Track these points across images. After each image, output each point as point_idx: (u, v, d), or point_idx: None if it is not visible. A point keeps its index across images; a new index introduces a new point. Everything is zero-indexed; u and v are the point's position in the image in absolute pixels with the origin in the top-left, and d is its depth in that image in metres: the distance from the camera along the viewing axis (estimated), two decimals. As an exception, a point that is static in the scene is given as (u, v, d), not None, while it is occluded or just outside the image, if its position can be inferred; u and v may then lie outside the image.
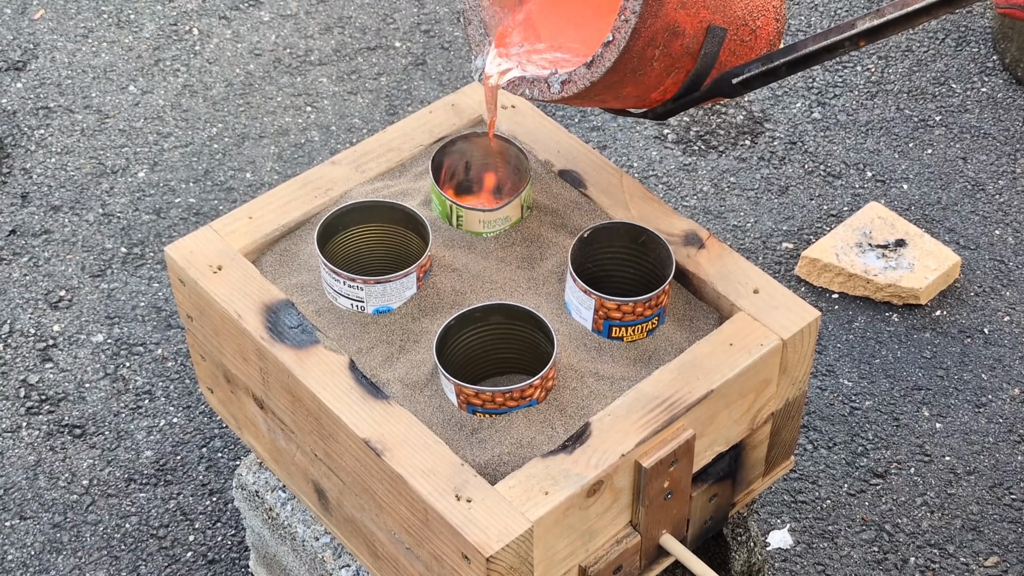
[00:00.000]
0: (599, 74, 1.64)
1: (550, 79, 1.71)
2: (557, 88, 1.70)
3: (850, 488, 2.45)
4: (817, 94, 3.19)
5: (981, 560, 2.35)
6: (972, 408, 2.57)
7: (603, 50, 1.63)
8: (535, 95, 1.73)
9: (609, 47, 1.62)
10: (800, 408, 1.89)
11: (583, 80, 1.66)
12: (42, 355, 2.65)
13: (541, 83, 1.72)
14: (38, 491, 2.44)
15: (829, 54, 1.69)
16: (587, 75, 1.66)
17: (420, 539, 1.65)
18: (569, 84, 1.69)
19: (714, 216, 2.92)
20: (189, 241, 1.87)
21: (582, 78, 1.67)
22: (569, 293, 1.79)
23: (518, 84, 1.76)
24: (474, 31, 1.84)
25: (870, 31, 1.65)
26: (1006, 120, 3.13)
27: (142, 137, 3.09)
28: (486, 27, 1.83)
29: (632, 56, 1.63)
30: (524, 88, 1.75)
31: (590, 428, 1.65)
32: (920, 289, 2.70)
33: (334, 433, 1.71)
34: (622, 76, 1.66)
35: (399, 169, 1.99)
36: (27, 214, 2.91)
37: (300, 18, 3.39)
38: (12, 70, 3.24)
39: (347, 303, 1.80)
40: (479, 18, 1.84)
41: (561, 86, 1.70)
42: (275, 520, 2.03)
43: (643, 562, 1.77)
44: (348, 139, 3.08)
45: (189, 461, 2.49)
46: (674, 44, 1.66)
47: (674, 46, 1.67)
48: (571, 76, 1.68)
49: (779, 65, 1.73)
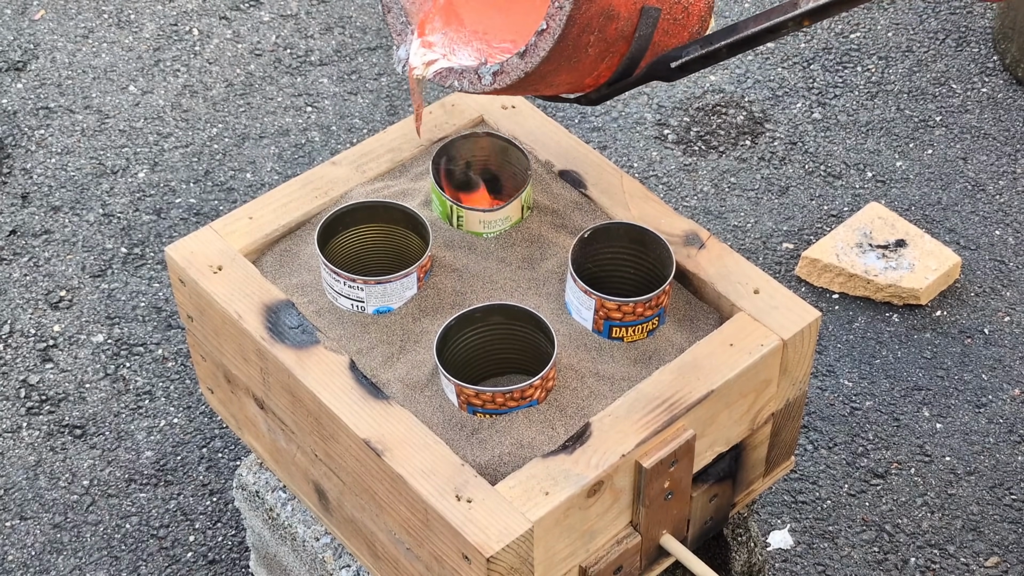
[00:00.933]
0: (533, 64, 1.58)
1: (481, 70, 1.65)
2: (489, 80, 1.64)
3: (850, 488, 2.45)
4: (817, 94, 3.19)
5: (981, 560, 2.35)
6: (972, 408, 2.57)
7: (537, 39, 1.57)
8: (465, 87, 1.66)
9: (543, 36, 1.56)
10: (800, 408, 1.89)
11: (516, 71, 1.60)
12: (42, 355, 2.65)
13: (471, 74, 1.65)
14: (38, 491, 2.44)
15: (772, 35, 1.63)
16: (520, 65, 1.60)
17: (420, 539, 1.65)
18: (502, 75, 1.62)
19: (714, 216, 2.92)
20: (189, 241, 1.87)
21: (515, 68, 1.60)
22: (569, 293, 1.79)
23: (446, 75, 1.68)
24: (394, 19, 1.75)
25: (814, 11, 1.59)
26: (1006, 120, 3.13)
27: (142, 137, 3.09)
28: (407, 15, 1.74)
29: (567, 44, 1.57)
30: (453, 79, 1.67)
31: (590, 428, 1.65)
32: (920, 289, 2.70)
33: (334, 433, 1.71)
34: (557, 64, 1.60)
35: (399, 169, 1.99)
36: (27, 214, 2.91)
37: (300, 18, 3.39)
38: (12, 70, 3.24)
39: (347, 303, 1.80)
40: (399, 5, 1.74)
41: (493, 77, 1.63)
42: (275, 520, 2.03)
43: (643, 562, 1.77)
44: (348, 139, 3.08)
45: (189, 461, 2.49)
46: (609, 28, 1.61)
47: (609, 30, 1.61)
48: (503, 67, 1.61)
49: (719, 48, 1.66)
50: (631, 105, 3.15)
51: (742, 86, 3.20)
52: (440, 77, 1.69)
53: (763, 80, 3.22)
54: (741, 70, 3.24)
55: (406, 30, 1.74)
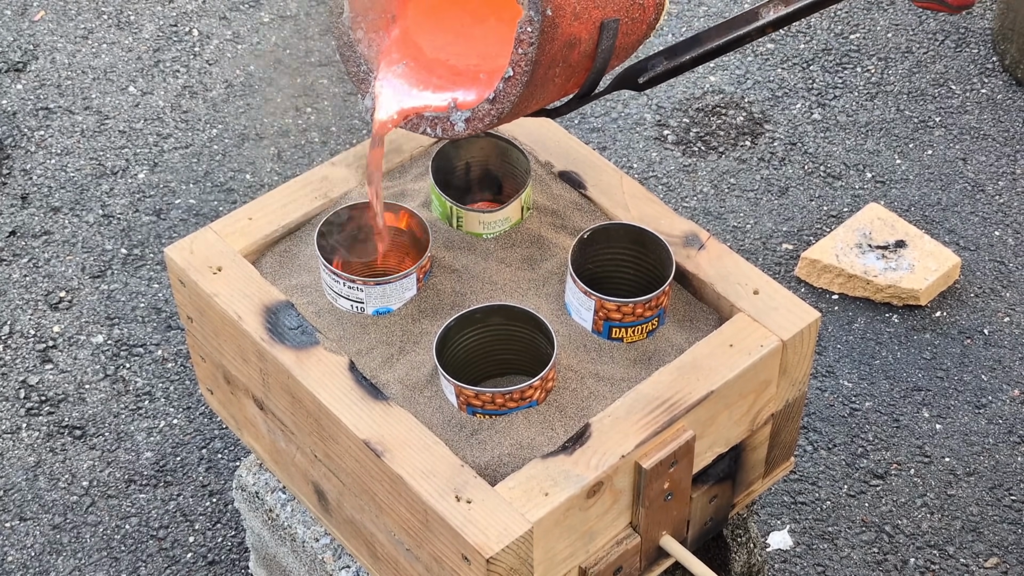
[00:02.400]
0: (504, 109, 1.59)
1: (452, 117, 1.63)
2: (462, 127, 1.63)
3: (850, 489, 2.45)
4: (817, 95, 3.19)
5: (981, 561, 2.35)
6: (972, 409, 2.57)
7: (504, 86, 1.57)
8: (438, 134, 1.65)
9: (511, 82, 1.56)
10: (800, 409, 1.89)
11: (488, 116, 1.60)
12: (42, 356, 2.65)
13: (444, 122, 1.64)
14: (38, 492, 2.44)
15: (736, 45, 1.64)
16: (492, 111, 1.59)
17: (420, 540, 1.65)
18: (474, 121, 1.62)
19: (714, 217, 2.92)
20: (189, 242, 1.87)
21: (487, 114, 1.60)
22: (569, 294, 1.79)
23: (417, 123, 1.67)
24: (354, 68, 1.72)
25: (777, 21, 1.59)
26: (1006, 121, 3.13)
27: (142, 138, 3.09)
28: (366, 61, 1.71)
29: (535, 84, 1.57)
30: (425, 127, 1.66)
31: (590, 429, 1.65)
32: (920, 290, 2.70)
33: (334, 434, 1.71)
34: (526, 103, 1.61)
35: (399, 170, 1.99)
36: (27, 215, 2.91)
37: (300, 19, 3.39)
38: (12, 71, 3.24)
39: (347, 304, 1.80)
40: (356, 54, 1.71)
41: (466, 124, 1.63)
42: (275, 521, 2.03)
43: (643, 563, 1.77)
44: (348, 140, 3.08)
45: (189, 462, 2.49)
46: (572, 55, 1.60)
47: (572, 57, 1.61)
48: (475, 113, 1.61)
49: (685, 60, 1.67)
50: (631, 106, 3.15)
51: (742, 87, 3.20)
52: (411, 126, 1.67)
53: (763, 81, 3.22)
54: (741, 71, 3.24)
55: (368, 78, 1.71)
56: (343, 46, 1.72)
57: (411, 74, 1.71)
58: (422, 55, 1.72)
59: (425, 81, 1.70)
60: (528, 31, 1.52)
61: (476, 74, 1.68)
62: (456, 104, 1.65)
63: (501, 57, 1.67)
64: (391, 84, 1.70)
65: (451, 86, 1.69)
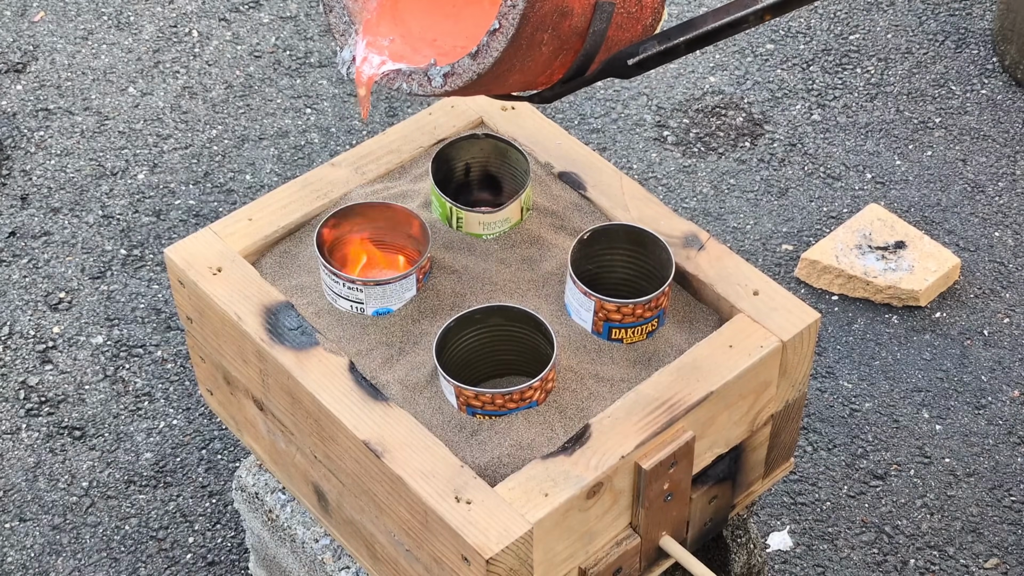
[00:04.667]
0: (486, 65, 1.53)
1: (430, 72, 1.57)
2: (440, 82, 1.56)
3: (850, 490, 2.45)
4: (817, 96, 3.19)
5: (981, 562, 2.35)
6: (972, 410, 2.57)
7: (489, 39, 1.51)
8: (414, 89, 1.59)
9: (496, 35, 1.50)
10: (800, 410, 1.89)
11: (469, 72, 1.54)
12: (42, 357, 2.65)
13: (420, 76, 1.58)
14: (38, 493, 2.44)
15: (732, 30, 1.58)
16: (472, 66, 1.53)
17: (420, 541, 1.65)
18: (453, 77, 1.55)
19: (714, 218, 2.92)
20: (189, 243, 1.87)
21: (467, 70, 1.54)
22: (569, 295, 1.79)
23: (394, 77, 1.61)
24: (336, 19, 1.66)
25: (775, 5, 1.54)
26: (1006, 122, 3.13)
27: (142, 139, 3.09)
28: (350, 14, 1.66)
29: (520, 43, 1.52)
30: (401, 82, 1.60)
31: (590, 430, 1.65)
32: (920, 291, 2.70)
33: (334, 435, 1.71)
34: (510, 64, 1.55)
35: (399, 171, 1.99)
36: (27, 216, 2.91)
37: (300, 20, 3.39)
38: (12, 72, 3.24)
39: (347, 305, 1.80)
40: (341, 4, 1.66)
41: (444, 79, 1.56)
42: (275, 522, 2.03)
43: (643, 564, 1.77)
44: (348, 141, 3.08)
45: (189, 463, 2.49)
46: (563, 25, 1.55)
47: (563, 27, 1.55)
48: (455, 68, 1.55)
49: (678, 44, 1.60)
50: (631, 106, 3.15)
51: (741, 87, 3.20)
52: (387, 80, 1.62)
53: (762, 82, 3.22)
54: (740, 71, 3.24)
55: (349, 30, 1.67)
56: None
57: (395, 50, 1.67)
58: (409, 34, 1.68)
59: (409, 58, 1.65)
60: None
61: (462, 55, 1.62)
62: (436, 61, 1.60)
63: None
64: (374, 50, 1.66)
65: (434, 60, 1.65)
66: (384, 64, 1.63)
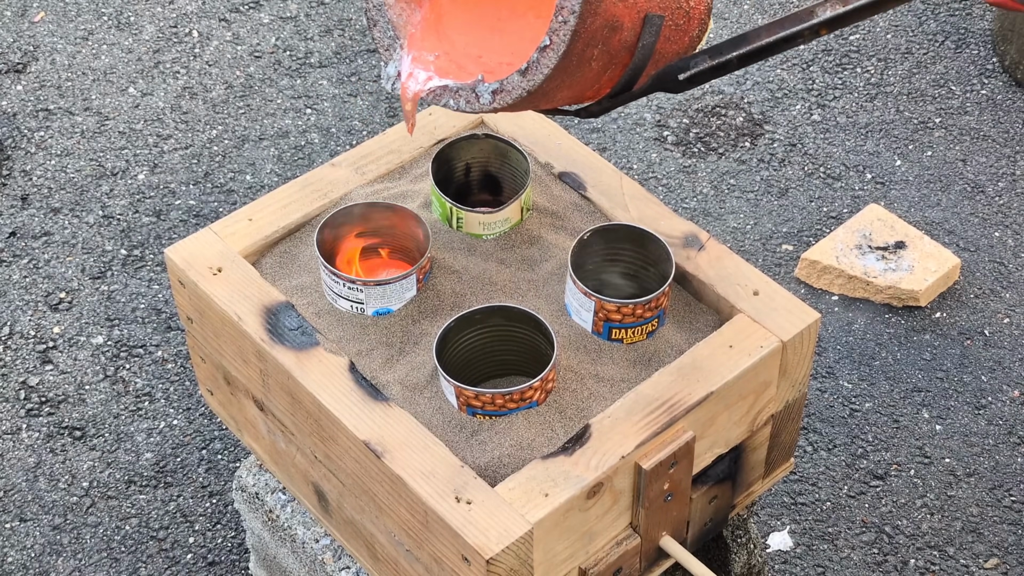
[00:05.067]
0: (536, 82, 1.51)
1: (478, 88, 1.55)
2: (488, 99, 1.54)
3: (850, 490, 2.45)
4: (817, 96, 3.19)
5: (981, 562, 2.35)
6: (972, 410, 2.57)
7: (539, 55, 1.48)
8: (461, 106, 1.57)
9: (546, 51, 1.48)
10: (800, 410, 1.89)
11: (518, 89, 1.52)
12: (42, 357, 2.65)
13: (468, 92, 1.56)
14: (38, 493, 2.44)
15: (786, 45, 1.55)
16: (522, 83, 1.51)
17: (420, 541, 1.65)
18: (502, 94, 1.53)
19: (714, 218, 2.92)
20: (189, 243, 1.87)
21: (516, 87, 1.52)
22: (569, 295, 1.79)
23: (440, 94, 1.58)
24: (381, 34, 1.64)
25: (832, 20, 1.51)
26: (1006, 122, 3.13)
27: (142, 139, 3.09)
28: (394, 28, 1.64)
29: (571, 59, 1.50)
30: (448, 98, 1.58)
31: (590, 430, 1.65)
32: (920, 291, 2.70)
33: (334, 435, 1.71)
34: (560, 80, 1.52)
35: (399, 171, 1.99)
36: (27, 216, 2.91)
37: (300, 20, 3.39)
38: (12, 72, 3.24)
39: (347, 305, 1.80)
40: (385, 19, 1.64)
41: (492, 96, 1.54)
42: (275, 522, 2.03)
43: (643, 564, 1.77)
44: (348, 141, 3.08)
45: (189, 463, 2.49)
46: (613, 39, 1.52)
47: (612, 41, 1.52)
48: (503, 85, 1.53)
49: (730, 59, 1.58)
50: (630, 106, 3.15)
51: (741, 88, 3.20)
52: (434, 96, 1.60)
53: (762, 82, 3.22)
54: (740, 72, 3.24)
55: (394, 45, 1.65)
56: (372, 9, 1.65)
57: (441, 67, 1.64)
58: (454, 50, 1.66)
59: (455, 74, 1.63)
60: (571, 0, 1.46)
61: (509, 72, 1.61)
62: (483, 77, 1.58)
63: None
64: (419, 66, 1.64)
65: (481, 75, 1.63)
66: (430, 80, 1.60)
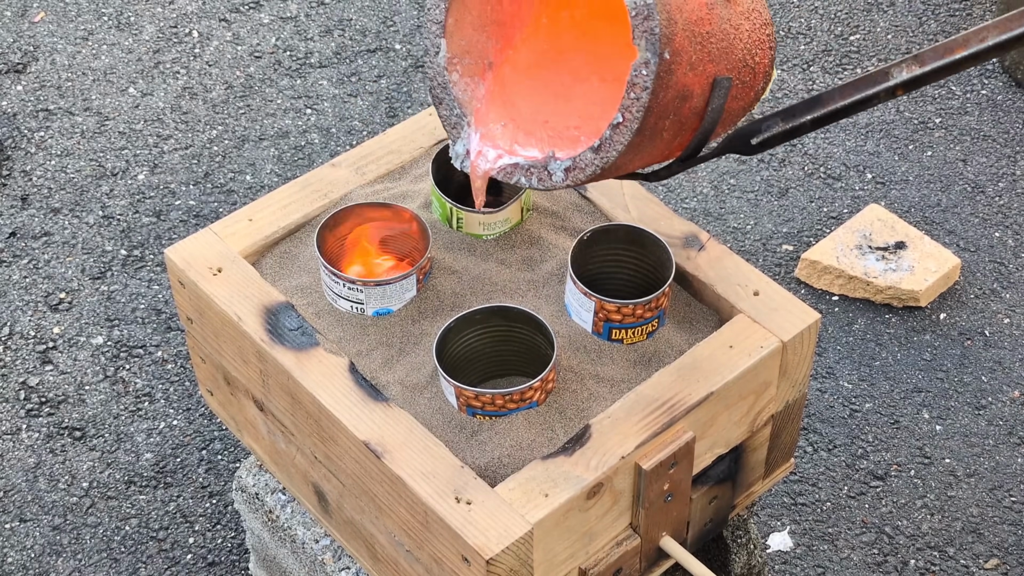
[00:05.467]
0: (610, 159, 1.51)
1: (551, 166, 1.55)
2: (561, 176, 1.54)
3: (850, 490, 2.45)
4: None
5: (981, 563, 2.35)
6: (972, 410, 2.57)
7: (612, 132, 1.48)
8: (534, 184, 1.56)
9: (619, 129, 1.48)
10: (800, 410, 1.89)
11: (591, 166, 1.52)
12: (42, 357, 2.65)
13: (540, 170, 1.56)
14: (38, 493, 2.44)
15: (861, 106, 1.55)
16: (595, 160, 1.51)
17: (420, 541, 1.65)
18: (575, 171, 1.53)
19: (714, 218, 2.92)
20: (189, 243, 1.87)
21: (590, 164, 1.52)
22: (569, 295, 1.79)
23: (512, 172, 1.58)
24: (447, 111, 1.64)
25: (909, 82, 1.50)
26: (1006, 122, 3.13)
27: (142, 139, 3.09)
28: (460, 105, 1.63)
29: (644, 134, 1.50)
30: (520, 176, 1.57)
31: (590, 430, 1.65)
32: (920, 291, 2.70)
33: (334, 435, 1.71)
34: (632, 155, 1.53)
35: (399, 171, 1.99)
36: (27, 216, 2.91)
37: (300, 20, 3.39)
38: (12, 72, 3.24)
39: (347, 305, 1.80)
40: (451, 96, 1.63)
41: (565, 174, 1.54)
42: (275, 522, 2.03)
43: (643, 564, 1.77)
44: (348, 141, 3.08)
45: (189, 463, 2.49)
46: (683, 108, 1.52)
47: (683, 110, 1.53)
48: (576, 163, 1.53)
49: (804, 123, 1.58)
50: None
51: (742, 88, 3.20)
52: (505, 174, 1.59)
53: (763, 82, 3.22)
54: (741, 72, 3.24)
55: (461, 123, 1.64)
56: (437, 87, 1.64)
57: (509, 135, 1.63)
58: (520, 116, 1.65)
59: (523, 142, 1.62)
60: (643, 75, 1.45)
61: (576, 137, 1.61)
62: (555, 154, 1.57)
63: (603, 119, 1.61)
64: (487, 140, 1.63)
65: (549, 148, 1.61)
66: (500, 158, 1.59)
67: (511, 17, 1.65)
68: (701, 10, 1.51)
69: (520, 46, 1.67)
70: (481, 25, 1.63)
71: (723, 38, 1.53)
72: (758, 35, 1.61)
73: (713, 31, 1.52)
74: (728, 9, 1.55)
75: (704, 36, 1.50)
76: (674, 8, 1.47)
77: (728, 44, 1.54)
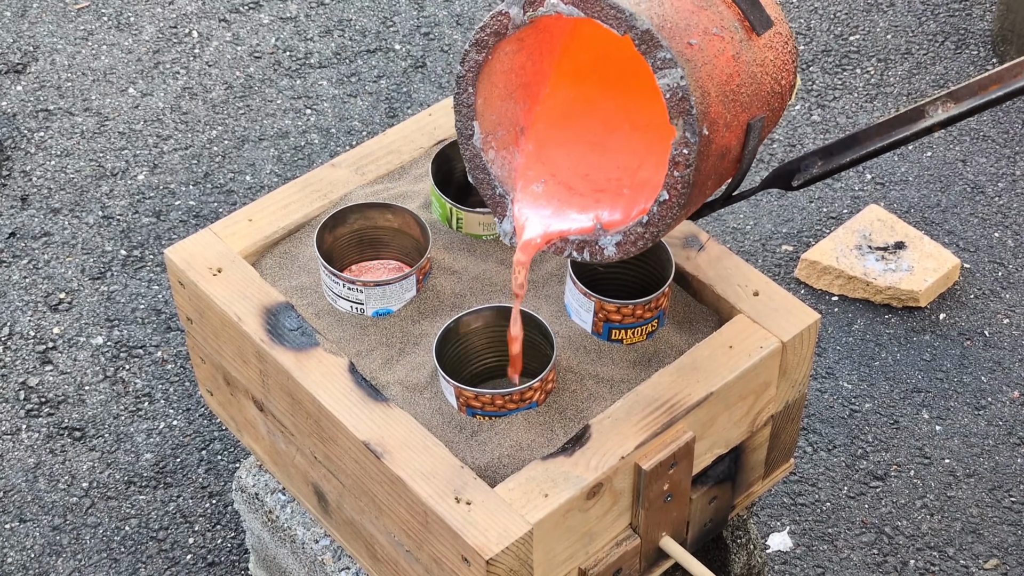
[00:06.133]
0: (660, 233, 1.52)
1: (601, 241, 1.57)
2: (612, 251, 1.56)
3: (850, 491, 2.45)
4: (817, 96, 3.19)
5: (981, 563, 2.35)
6: (972, 410, 2.57)
7: (660, 209, 1.50)
8: (584, 258, 1.59)
9: (666, 206, 1.49)
10: (800, 410, 1.89)
11: (641, 239, 1.54)
12: (42, 357, 2.65)
13: (592, 245, 1.58)
14: (38, 494, 2.44)
15: (897, 145, 1.57)
16: (645, 234, 1.53)
17: (420, 542, 1.65)
18: (626, 245, 1.55)
19: (713, 218, 2.92)
20: (189, 243, 1.87)
21: (639, 237, 1.54)
22: (569, 295, 1.79)
23: (562, 247, 1.60)
24: (489, 191, 1.64)
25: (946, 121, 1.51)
26: (1005, 123, 3.13)
27: (142, 140, 3.09)
28: (501, 182, 1.64)
29: (691, 204, 1.52)
30: (570, 250, 1.59)
31: (590, 430, 1.65)
32: (920, 291, 2.70)
33: (334, 436, 1.71)
34: (680, 220, 1.56)
35: (399, 171, 1.99)
36: (27, 216, 2.91)
37: (300, 20, 3.39)
38: (12, 72, 3.24)
39: (347, 305, 1.80)
40: (490, 176, 1.64)
41: (616, 248, 1.56)
42: (275, 523, 2.03)
43: (643, 564, 1.77)
44: (348, 142, 3.08)
45: (189, 463, 2.49)
46: (723, 164, 1.54)
47: (723, 166, 1.55)
48: (626, 236, 1.55)
49: (843, 163, 1.62)
50: (630, 107, 3.15)
51: (741, 88, 3.20)
52: (555, 249, 1.61)
53: (762, 82, 3.22)
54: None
55: (505, 200, 1.64)
56: (475, 169, 1.64)
57: (551, 193, 1.64)
58: (559, 171, 1.65)
59: (566, 200, 1.62)
60: (684, 153, 1.46)
61: (619, 189, 1.62)
62: (602, 225, 1.58)
63: (643, 168, 1.62)
64: (531, 206, 1.63)
65: (594, 204, 1.62)
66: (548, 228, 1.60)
67: (534, 76, 1.65)
68: (729, 66, 1.50)
69: (547, 99, 1.67)
70: (508, 94, 1.63)
71: (752, 82, 1.53)
72: (782, 58, 1.61)
73: (743, 81, 1.52)
74: (752, 50, 1.54)
75: (735, 91, 1.50)
76: (705, 78, 1.46)
77: (757, 85, 1.55)
